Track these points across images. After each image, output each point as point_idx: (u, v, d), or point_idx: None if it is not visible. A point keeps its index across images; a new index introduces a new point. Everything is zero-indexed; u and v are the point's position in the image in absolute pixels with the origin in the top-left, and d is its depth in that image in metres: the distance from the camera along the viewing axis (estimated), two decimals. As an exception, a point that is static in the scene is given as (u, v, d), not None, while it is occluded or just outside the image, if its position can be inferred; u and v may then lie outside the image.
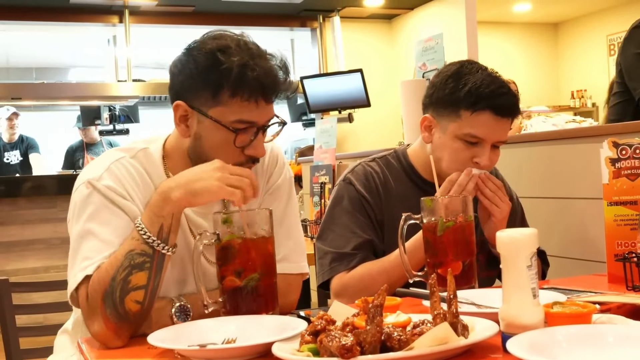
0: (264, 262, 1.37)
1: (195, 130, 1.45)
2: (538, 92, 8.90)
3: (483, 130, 1.71)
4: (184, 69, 1.44)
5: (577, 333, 1.01)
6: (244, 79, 1.38)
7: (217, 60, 1.38)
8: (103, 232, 1.37)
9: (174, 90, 1.48)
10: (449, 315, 1.05)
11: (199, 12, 7.00)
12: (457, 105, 1.72)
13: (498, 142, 1.74)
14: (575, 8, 8.46)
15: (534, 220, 1.98)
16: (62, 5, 6.45)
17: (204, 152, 1.45)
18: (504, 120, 1.72)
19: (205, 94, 1.41)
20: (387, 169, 1.89)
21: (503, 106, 1.70)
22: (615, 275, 1.57)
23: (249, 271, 1.34)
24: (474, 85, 1.70)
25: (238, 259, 1.35)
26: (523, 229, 1.10)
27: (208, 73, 1.40)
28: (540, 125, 3.99)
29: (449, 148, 1.75)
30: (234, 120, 1.41)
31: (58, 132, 8.11)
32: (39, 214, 4.44)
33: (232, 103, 1.40)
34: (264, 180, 1.62)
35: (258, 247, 1.37)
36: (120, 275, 1.29)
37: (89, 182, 1.42)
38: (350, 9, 7.28)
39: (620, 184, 1.61)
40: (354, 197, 1.83)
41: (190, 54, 1.43)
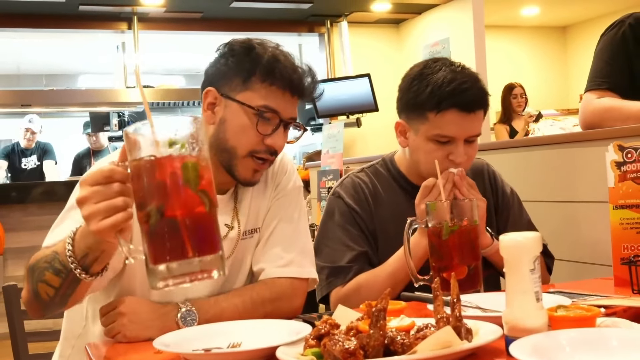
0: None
1: (221, 115, 1.51)
2: (547, 96, 8.88)
3: (451, 129, 1.70)
4: (220, 58, 1.54)
5: (580, 337, 1.01)
6: (275, 66, 1.48)
7: (252, 49, 1.51)
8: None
9: (207, 78, 1.56)
10: (452, 319, 1.05)
11: (207, 19, 7.03)
12: (422, 108, 1.72)
13: (471, 136, 1.73)
14: (584, 11, 8.44)
15: (540, 224, 1.98)
16: (71, 12, 6.49)
17: (225, 137, 1.50)
18: (472, 115, 1.71)
19: (237, 79, 1.50)
20: (376, 179, 1.89)
21: (467, 102, 1.69)
22: (621, 278, 1.57)
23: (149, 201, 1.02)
24: (436, 85, 1.70)
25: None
26: (526, 232, 1.10)
27: (243, 59, 1.50)
28: (548, 129, 3.99)
29: (423, 150, 1.76)
30: (260, 105, 1.48)
31: (68, 139, 8.16)
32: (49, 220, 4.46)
33: (261, 88, 1.49)
34: (273, 187, 1.64)
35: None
36: (41, 265, 1.29)
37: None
38: (357, 14, 7.28)
39: (626, 187, 1.61)
40: (344, 210, 1.83)
41: (227, 47, 1.54)
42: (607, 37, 2.29)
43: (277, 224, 1.61)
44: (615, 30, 2.27)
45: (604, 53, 2.27)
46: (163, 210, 0.98)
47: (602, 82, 2.22)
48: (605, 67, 2.25)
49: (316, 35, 7.74)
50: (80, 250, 1.20)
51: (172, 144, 0.99)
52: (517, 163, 2.54)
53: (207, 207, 1.00)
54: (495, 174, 1.98)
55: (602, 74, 2.24)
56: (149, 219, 0.98)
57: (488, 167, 1.98)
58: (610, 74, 2.22)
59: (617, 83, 2.20)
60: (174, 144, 0.99)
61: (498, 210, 1.93)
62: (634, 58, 2.20)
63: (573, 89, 9.08)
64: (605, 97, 2.19)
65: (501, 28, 8.66)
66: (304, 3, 6.79)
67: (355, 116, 6.48)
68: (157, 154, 0.99)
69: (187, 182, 0.99)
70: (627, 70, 2.20)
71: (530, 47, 9.13)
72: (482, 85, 1.75)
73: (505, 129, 6.26)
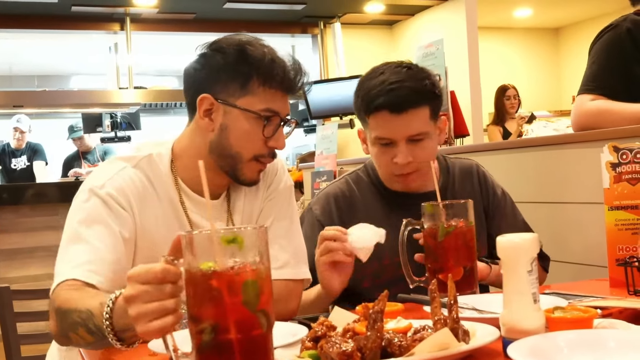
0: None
1: (221, 122, 1.48)
2: (539, 97, 8.90)
3: (384, 130, 1.71)
4: (209, 63, 1.48)
5: (578, 338, 1.01)
6: (274, 68, 1.46)
7: (246, 51, 1.46)
8: (91, 238, 1.39)
9: (196, 86, 1.50)
10: (450, 321, 1.05)
11: (200, 19, 7.02)
12: (361, 115, 1.77)
13: (411, 136, 1.71)
14: (576, 13, 8.47)
15: (535, 226, 1.97)
16: (64, 13, 6.47)
17: (229, 144, 1.48)
18: (404, 115, 1.69)
19: (234, 84, 1.46)
20: (356, 186, 1.88)
21: (394, 102, 1.68)
22: (617, 279, 1.57)
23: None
24: (366, 91, 1.73)
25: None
26: (524, 233, 1.09)
27: (238, 64, 1.45)
28: (542, 130, 3.99)
29: (373, 154, 1.79)
30: (263, 109, 1.47)
31: (60, 140, 8.12)
32: (41, 222, 4.45)
33: (261, 92, 1.46)
34: (265, 187, 1.63)
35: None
36: (74, 318, 1.24)
37: (91, 189, 1.45)
38: (351, 15, 7.29)
39: (621, 189, 1.61)
40: (311, 222, 1.83)
41: (216, 49, 1.48)
42: (603, 40, 2.25)
43: (270, 225, 1.60)
44: (612, 34, 2.23)
45: (600, 56, 2.24)
46: (217, 330, 0.90)
47: (597, 87, 2.19)
48: (600, 71, 2.22)
49: (309, 37, 7.74)
50: (119, 325, 1.13)
51: (234, 256, 0.91)
52: (511, 164, 2.54)
53: (265, 328, 0.93)
54: (486, 175, 1.95)
55: (597, 78, 2.22)
56: (200, 334, 0.91)
57: (478, 167, 1.95)
58: (606, 78, 2.19)
59: (612, 88, 2.17)
60: (236, 257, 0.91)
61: (489, 212, 1.91)
62: (632, 63, 2.18)
63: (565, 91, 9.10)
64: (598, 99, 2.17)
65: (494, 29, 8.68)
66: (297, 4, 6.79)
67: (348, 117, 6.47)
68: (216, 266, 0.90)
69: (247, 303, 0.91)
70: (623, 74, 2.17)
71: (523, 48, 9.16)
72: (419, 83, 1.71)
73: (498, 130, 6.27)
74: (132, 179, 1.48)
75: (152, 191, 1.49)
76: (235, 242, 0.91)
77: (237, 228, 0.96)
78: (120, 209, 1.43)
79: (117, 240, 1.40)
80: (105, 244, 1.38)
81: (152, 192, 1.49)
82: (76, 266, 1.35)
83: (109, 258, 1.37)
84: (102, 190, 1.43)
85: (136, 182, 1.48)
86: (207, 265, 0.90)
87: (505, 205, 1.93)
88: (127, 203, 1.44)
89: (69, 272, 1.34)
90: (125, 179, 1.47)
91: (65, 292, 1.31)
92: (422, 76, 1.74)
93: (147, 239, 1.46)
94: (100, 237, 1.39)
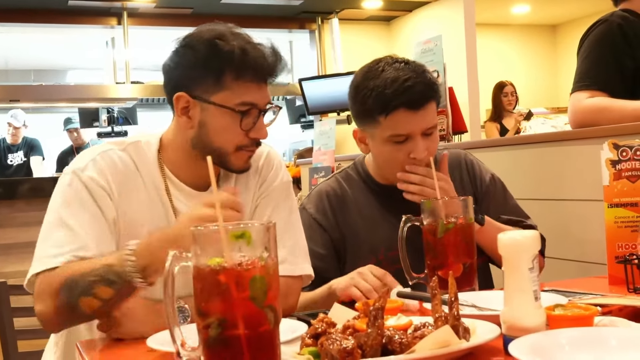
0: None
1: (199, 118, 1.47)
2: (537, 94, 8.91)
3: (404, 127, 1.70)
4: (181, 60, 1.47)
5: (579, 336, 1.01)
6: (246, 61, 1.42)
7: (217, 46, 1.42)
8: (75, 224, 1.39)
9: (172, 83, 1.50)
10: (450, 318, 1.05)
11: (197, 14, 7.00)
12: (372, 115, 1.72)
13: (426, 129, 1.72)
14: (574, 10, 8.47)
15: (535, 222, 1.96)
16: (61, 7, 6.45)
17: (209, 140, 1.47)
18: (422, 111, 1.70)
19: (208, 81, 1.44)
20: (346, 183, 1.87)
21: (413, 99, 1.68)
22: (616, 277, 1.56)
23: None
24: (378, 90, 1.69)
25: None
26: (525, 231, 1.09)
27: (209, 60, 1.43)
28: (540, 127, 3.99)
29: (383, 153, 1.76)
30: (239, 103, 1.45)
31: (57, 134, 8.10)
32: (36, 216, 4.41)
33: (235, 86, 1.44)
34: (257, 185, 1.62)
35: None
36: (90, 277, 1.29)
37: (73, 171, 1.46)
38: (348, 11, 7.28)
39: (620, 186, 1.60)
40: (307, 222, 1.81)
41: (187, 46, 1.47)
42: (594, 35, 2.25)
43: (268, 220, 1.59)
44: (602, 28, 2.23)
45: (592, 52, 2.23)
46: (224, 325, 0.90)
47: (592, 82, 2.19)
48: (593, 67, 2.21)
49: (307, 32, 7.73)
50: (143, 258, 1.26)
51: (242, 252, 0.91)
52: (510, 161, 2.54)
53: (272, 324, 0.92)
54: (474, 162, 1.94)
55: (590, 74, 2.21)
56: (208, 328, 0.91)
57: (465, 156, 1.94)
58: (600, 72, 2.19)
59: (606, 82, 2.17)
60: (244, 252, 0.91)
61: (478, 199, 1.88)
62: (623, 56, 2.18)
63: (563, 88, 9.11)
64: (596, 96, 2.17)
65: (492, 26, 8.68)
66: None
67: (345, 113, 6.46)
68: (224, 261, 0.90)
69: (254, 299, 0.90)
70: (616, 69, 2.18)
71: (521, 45, 9.16)
72: (427, 78, 1.73)
73: (495, 126, 6.27)
74: (115, 161, 1.48)
75: (137, 175, 1.50)
76: (244, 238, 0.91)
77: (244, 223, 0.95)
78: (102, 192, 1.44)
79: (100, 225, 1.42)
80: (86, 230, 1.39)
81: (137, 176, 1.50)
82: (60, 254, 1.35)
83: (92, 245, 1.39)
84: (85, 173, 1.44)
85: (119, 165, 1.49)
86: (215, 260, 0.90)
87: (494, 190, 1.90)
88: (107, 185, 1.45)
89: (52, 260, 1.35)
90: (108, 161, 1.48)
91: (69, 266, 1.33)
92: (422, 70, 1.74)
93: (129, 222, 1.47)
94: (83, 222, 1.40)
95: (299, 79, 6.36)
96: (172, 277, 0.97)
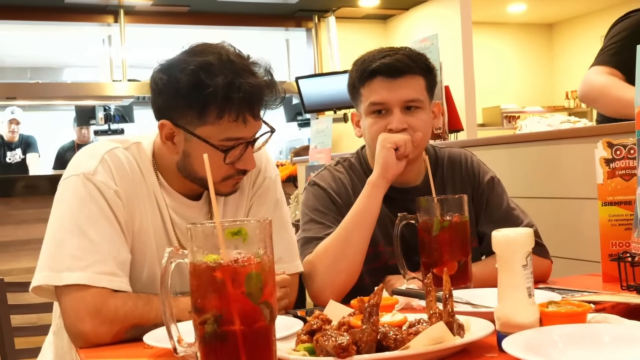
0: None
1: (184, 148, 1.42)
2: (533, 93, 8.93)
3: (378, 95, 1.72)
4: (165, 89, 1.39)
5: (572, 332, 1.02)
6: (231, 99, 1.34)
7: (200, 81, 1.34)
8: (94, 233, 1.35)
9: (157, 107, 1.44)
10: (445, 315, 1.05)
11: (194, 12, 7.00)
12: (355, 86, 1.78)
13: (405, 101, 1.72)
14: (570, 9, 8.49)
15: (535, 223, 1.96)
16: (57, 5, 6.44)
17: (193, 169, 1.44)
18: (399, 80, 1.72)
19: (191, 113, 1.37)
20: (352, 172, 1.87)
21: (388, 66, 1.71)
22: (610, 274, 1.57)
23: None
24: (361, 61, 1.76)
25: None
26: (518, 228, 1.10)
27: (192, 94, 1.35)
28: (535, 126, 3.99)
29: (366, 127, 1.77)
30: (223, 139, 1.39)
31: (53, 132, 8.10)
32: (33, 214, 4.43)
33: (220, 123, 1.37)
34: (250, 184, 1.61)
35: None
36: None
37: (85, 176, 1.39)
38: (345, 9, 7.28)
39: (614, 184, 1.61)
40: (320, 196, 1.80)
41: (171, 75, 1.38)
42: (626, 22, 2.34)
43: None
44: (636, 18, 2.32)
45: (618, 34, 2.33)
46: (220, 321, 0.91)
47: (613, 60, 2.26)
48: (615, 47, 2.30)
49: (304, 30, 7.73)
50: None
51: (238, 248, 0.92)
52: (505, 159, 2.55)
53: (268, 320, 0.93)
54: (474, 161, 1.91)
55: (611, 52, 2.30)
56: (204, 324, 0.92)
57: (467, 156, 1.91)
58: (619, 53, 2.27)
59: (624, 63, 2.22)
60: (240, 249, 0.92)
61: (475, 198, 1.86)
62: None
63: (559, 86, 9.13)
64: (610, 74, 2.23)
65: (488, 25, 8.69)
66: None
67: (342, 111, 6.47)
68: (221, 258, 0.91)
69: (250, 295, 0.91)
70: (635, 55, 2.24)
71: (517, 44, 9.17)
72: (413, 53, 1.76)
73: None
74: (122, 162, 1.44)
75: (141, 176, 1.47)
76: (240, 235, 0.92)
77: (240, 221, 0.96)
78: (116, 198, 1.40)
79: (117, 232, 1.38)
80: (105, 239, 1.36)
81: (141, 179, 1.46)
82: (79, 268, 1.32)
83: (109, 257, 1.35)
84: (97, 178, 1.39)
85: (127, 166, 1.44)
86: (212, 257, 0.91)
87: (491, 191, 1.86)
88: (119, 189, 1.41)
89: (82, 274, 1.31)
90: (116, 163, 1.43)
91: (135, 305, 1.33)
92: (417, 52, 1.78)
93: (137, 228, 1.45)
94: (102, 231, 1.36)
95: (296, 77, 6.37)
96: (168, 274, 0.98)
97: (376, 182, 1.66)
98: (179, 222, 1.50)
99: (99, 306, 1.31)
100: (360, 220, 1.66)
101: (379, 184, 1.66)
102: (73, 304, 1.32)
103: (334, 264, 1.62)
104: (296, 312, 1.37)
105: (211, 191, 1.03)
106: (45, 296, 1.39)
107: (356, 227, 1.65)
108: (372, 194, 1.66)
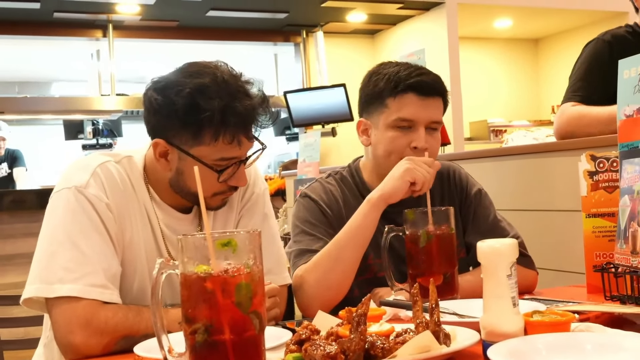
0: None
1: (177, 165, 1.44)
2: (519, 107, 8.99)
3: (409, 111, 1.73)
4: (160, 109, 1.41)
5: (556, 341, 1.04)
6: (226, 122, 1.37)
7: (197, 104, 1.36)
8: (85, 246, 1.36)
9: (151, 126, 1.46)
10: (431, 324, 1.07)
11: (182, 27, 7.02)
12: (381, 96, 1.76)
13: (431, 122, 1.75)
14: (555, 24, 8.57)
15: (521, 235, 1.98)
16: (46, 19, 6.44)
17: (186, 186, 1.46)
18: (430, 100, 1.74)
19: (186, 134, 1.40)
20: (343, 185, 1.87)
21: (423, 85, 1.73)
22: (594, 285, 1.59)
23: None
24: (393, 73, 1.76)
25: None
26: (503, 239, 1.12)
27: (188, 116, 1.37)
28: (521, 139, 4.04)
29: (385, 140, 1.76)
30: (217, 159, 1.41)
31: (42, 146, 8.07)
32: (20, 229, 4.41)
33: (215, 144, 1.39)
34: (238, 198, 1.62)
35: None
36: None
37: (77, 189, 1.40)
38: (333, 24, 7.33)
39: (598, 197, 1.64)
40: (310, 207, 1.80)
41: (166, 96, 1.39)
42: (584, 53, 2.40)
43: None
44: (592, 46, 2.37)
45: (580, 68, 2.38)
46: (210, 331, 0.92)
47: (576, 96, 2.32)
48: (580, 82, 2.35)
49: (292, 45, 7.77)
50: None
51: (228, 259, 0.93)
52: (492, 172, 2.58)
53: (257, 329, 0.94)
54: (462, 174, 1.93)
55: (577, 88, 2.35)
56: (194, 334, 0.93)
57: (454, 170, 1.93)
58: (585, 88, 2.32)
59: (590, 97, 2.28)
60: (230, 260, 0.93)
61: (461, 210, 1.88)
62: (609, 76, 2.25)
63: (545, 101, 9.20)
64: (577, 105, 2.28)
65: (475, 40, 8.75)
66: (279, 13, 6.82)
67: (330, 126, 6.51)
68: (211, 269, 0.93)
69: (240, 305, 0.93)
70: (601, 86, 2.28)
71: (503, 58, 9.24)
72: (438, 75, 1.80)
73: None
74: (114, 176, 1.45)
75: (132, 190, 1.48)
76: (230, 246, 0.93)
77: (230, 232, 0.98)
78: (108, 212, 1.41)
79: (108, 245, 1.40)
80: (96, 252, 1.37)
81: (131, 191, 1.48)
82: (69, 280, 1.32)
83: (100, 270, 1.36)
84: (89, 191, 1.40)
85: (118, 180, 1.46)
86: (202, 267, 0.93)
87: (478, 204, 1.88)
88: (110, 202, 1.42)
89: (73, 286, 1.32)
90: (108, 176, 1.44)
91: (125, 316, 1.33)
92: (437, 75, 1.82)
93: (128, 241, 1.45)
94: (93, 244, 1.37)
95: (284, 92, 6.40)
96: (159, 284, 0.99)
97: (376, 203, 1.65)
98: (170, 235, 1.51)
99: (90, 318, 1.32)
100: (354, 237, 1.65)
101: (379, 205, 1.65)
102: (64, 316, 1.33)
103: (323, 279, 1.63)
104: (285, 324, 1.38)
105: (202, 204, 1.05)
106: (36, 308, 1.40)
107: (349, 244, 1.64)
108: (370, 212, 1.65)
